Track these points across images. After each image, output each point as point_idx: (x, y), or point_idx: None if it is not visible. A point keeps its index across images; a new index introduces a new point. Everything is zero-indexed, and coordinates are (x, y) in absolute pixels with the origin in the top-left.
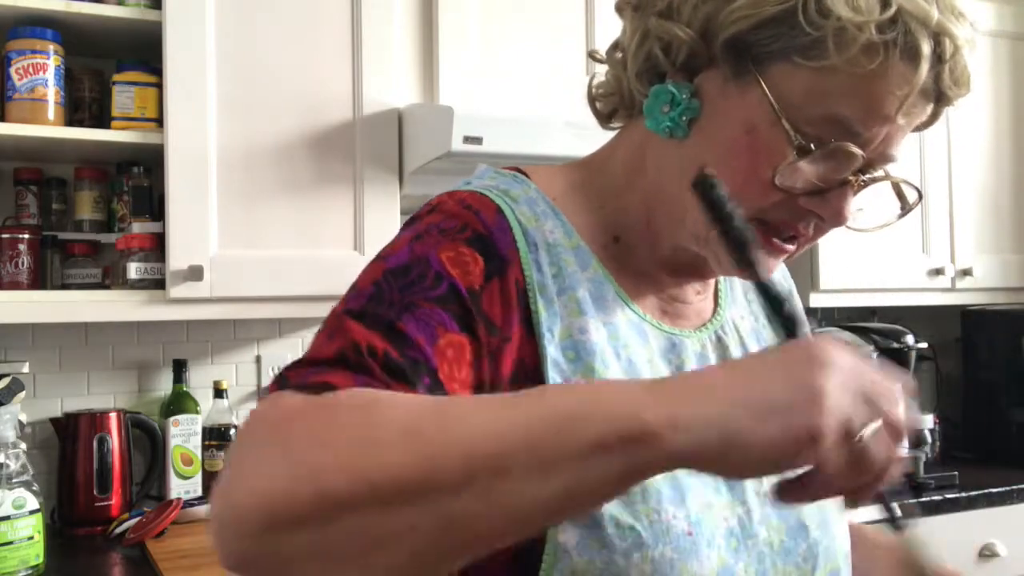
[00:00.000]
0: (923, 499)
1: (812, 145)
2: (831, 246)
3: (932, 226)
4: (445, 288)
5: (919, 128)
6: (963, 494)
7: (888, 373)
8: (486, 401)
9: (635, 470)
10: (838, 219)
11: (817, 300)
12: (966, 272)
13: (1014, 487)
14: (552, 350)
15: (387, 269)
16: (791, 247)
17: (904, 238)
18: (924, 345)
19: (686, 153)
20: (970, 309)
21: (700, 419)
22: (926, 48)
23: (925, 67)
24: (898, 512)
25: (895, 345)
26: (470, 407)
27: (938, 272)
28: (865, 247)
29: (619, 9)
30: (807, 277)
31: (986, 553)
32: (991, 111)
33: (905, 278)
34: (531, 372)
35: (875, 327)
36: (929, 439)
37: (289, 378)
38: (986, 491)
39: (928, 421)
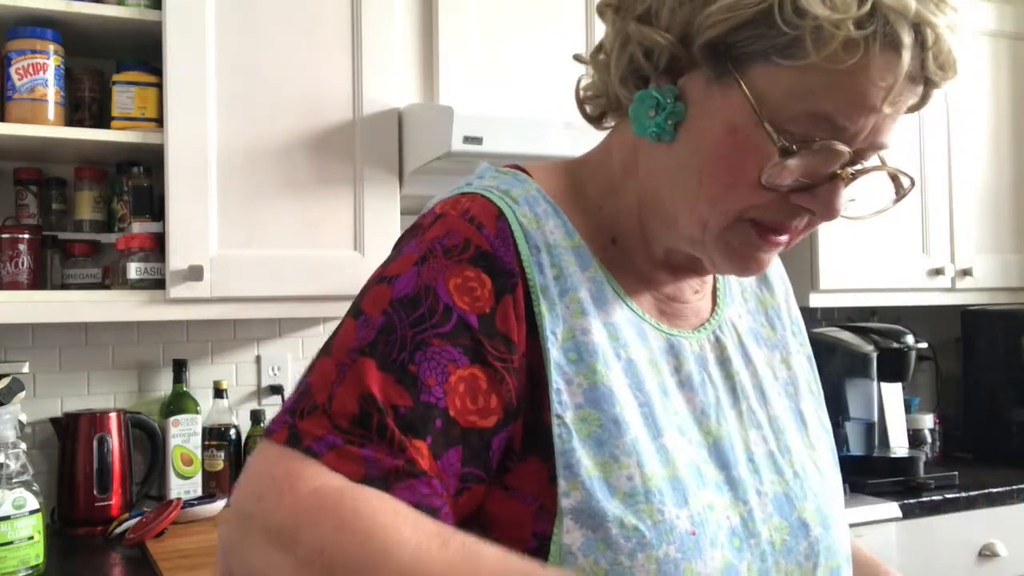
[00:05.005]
0: (923, 499)
1: (795, 147)
2: (831, 246)
3: (932, 226)
4: (454, 322)
5: (912, 110)
6: (963, 494)
7: None
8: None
9: None
10: (829, 213)
11: (817, 300)
12: (966, 272)
13: (1014, 487)
14: (555, 352)
15: (394, 299)
16: (783, 238)
17: (904, 238)
18: (924, 345)
19: (674, 156)
20: (970, 309)
21: None
22: (907, 38)
23: (907, 56)
24: None
25: (895, 345)
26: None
27: (938, 272)
28: (865, 247)
29: (600, 12)
30: (807, 277)
31: (986, 553)
32: (991, 111)
33: (905, 278)
34: (537, 376)
35: (875, 327)
36: (929, 439)
37: (303, 435)
38: (986, 491)
39: (928, 421)
